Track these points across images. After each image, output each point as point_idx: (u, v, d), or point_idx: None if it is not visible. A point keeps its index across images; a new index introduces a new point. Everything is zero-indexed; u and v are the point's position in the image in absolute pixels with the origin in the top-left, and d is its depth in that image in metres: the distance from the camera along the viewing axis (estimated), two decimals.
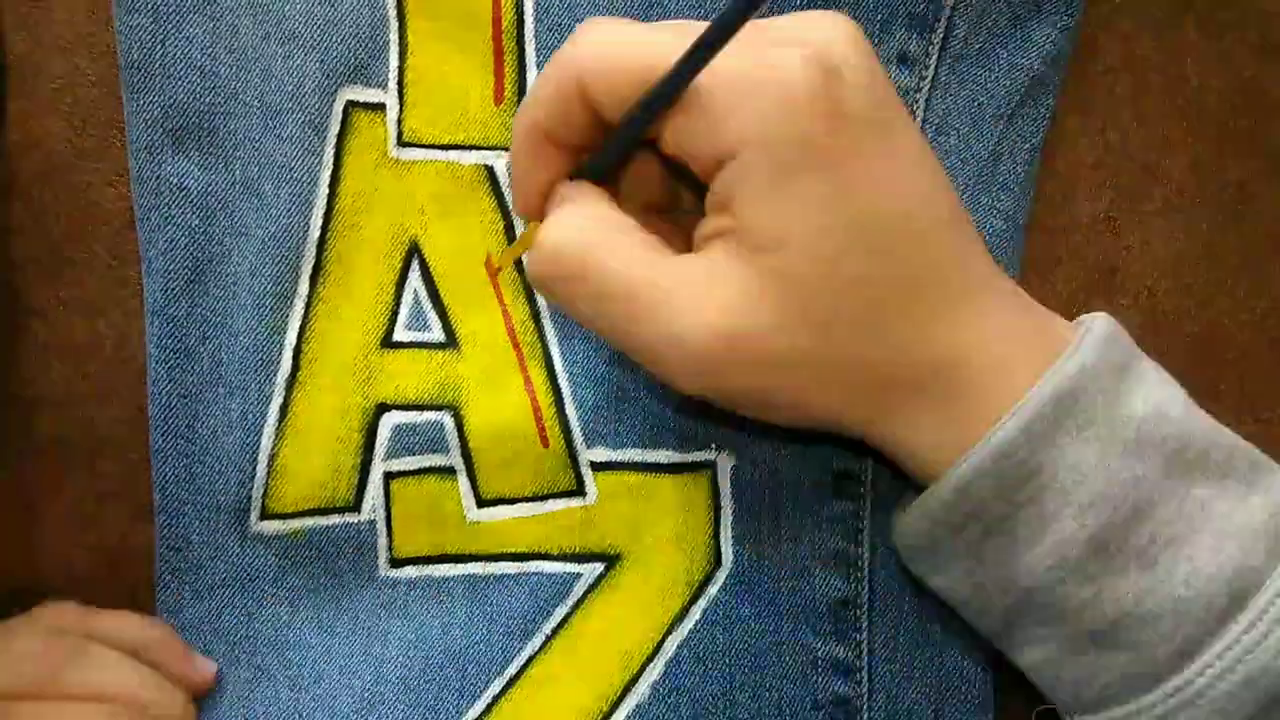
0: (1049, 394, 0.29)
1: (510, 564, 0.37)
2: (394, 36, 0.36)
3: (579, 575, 0.37)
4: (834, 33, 0.29)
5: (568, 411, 0.37)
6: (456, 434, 0.36)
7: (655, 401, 0.37)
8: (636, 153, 0.32)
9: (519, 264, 0.37)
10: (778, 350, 0.28)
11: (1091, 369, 0.29)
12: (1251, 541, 0.29)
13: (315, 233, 0.36)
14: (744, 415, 0.31)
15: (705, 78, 0.28)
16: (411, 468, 0.37)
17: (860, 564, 0.36)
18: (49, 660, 0.33)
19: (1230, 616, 0.29)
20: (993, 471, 0.29)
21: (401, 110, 0.37)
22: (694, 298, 0.28)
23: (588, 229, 0.30)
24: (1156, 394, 0.30)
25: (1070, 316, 0.32)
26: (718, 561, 0.36)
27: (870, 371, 0.29)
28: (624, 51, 0.29)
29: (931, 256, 0.29)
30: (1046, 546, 0.29)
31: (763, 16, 0.29)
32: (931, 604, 0.36)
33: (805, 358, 0.29)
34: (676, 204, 0.34)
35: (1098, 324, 0.30)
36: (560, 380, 0.37)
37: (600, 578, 0.37)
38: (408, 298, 0.37)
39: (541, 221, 0.31)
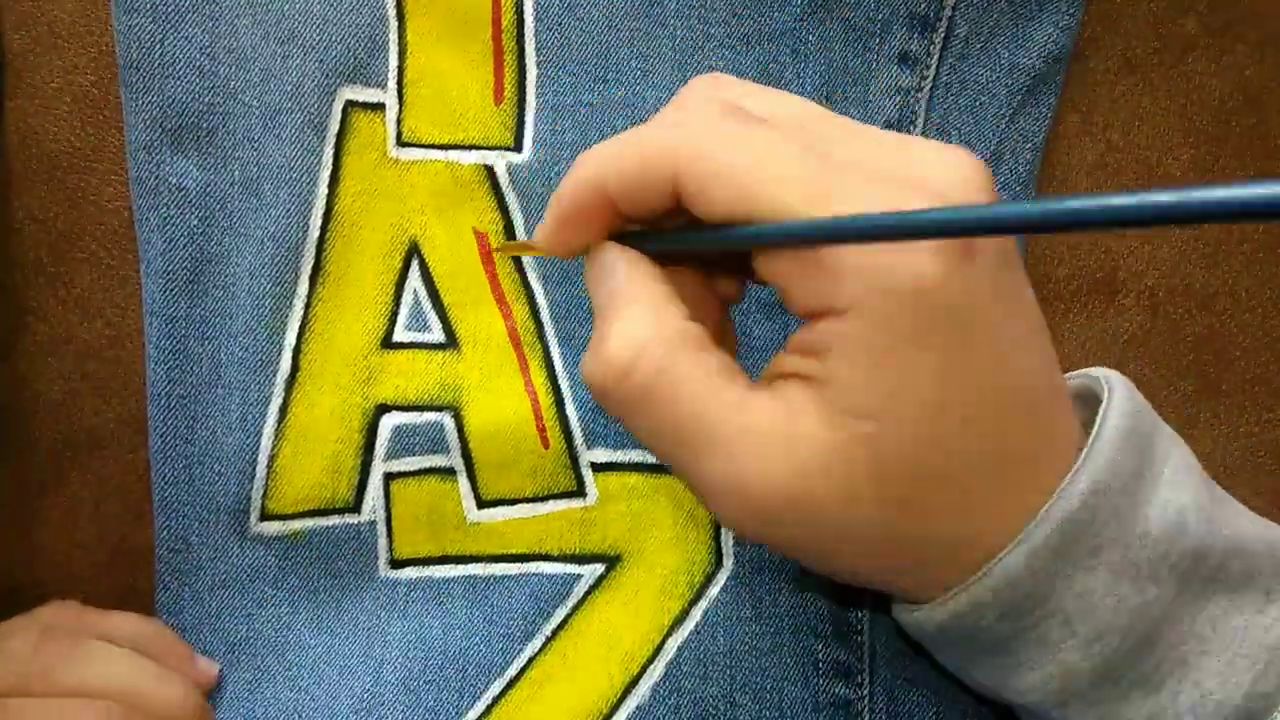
0: (1055, 524, 0.26)
1: (510, 565, 0.36)
2: (393, 36, 0.36)
3: (579, 576, 0.36)
4: (970, 192, 0.25)
5: (568, 412, 0.36)
6: (457, 434, 0.36)
7: None
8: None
9: (519, 265, 0.36)
10: (841, 520, 0.26)
11: (1103, 487, 0.26)
12: (1265, 664, 0.27)
13: (315, 233, 0.36)
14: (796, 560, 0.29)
15: None
16: (412, 468, 0.36)
17: None
18: (42, 657, 0.32)
19: None
20: (993, 604, 0.27)
21: (401, 110, 0.36)
22: (766, 446, 0.26)
23: (661, 346, 0.26)
24: (1176, 499, 0.27)
25: (1071, 317, 0.31)
26: (719, 563, 0.36)
27: (929, 544, 0.27)
28: (722, 168, 0.26)
29: (1030, 433, 0.26)
30: (1048, 672, 0.27)
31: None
32: None
33: (866, 529, 0.26)
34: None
35: (1112, 416, 0.27)
36: (561, 381, 0.36)
37: (601, 579, 0.36)
38: (407, 298, 0.36)
39: (557, 248, 0.29)
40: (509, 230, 0.36)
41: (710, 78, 0.29)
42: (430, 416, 0.36)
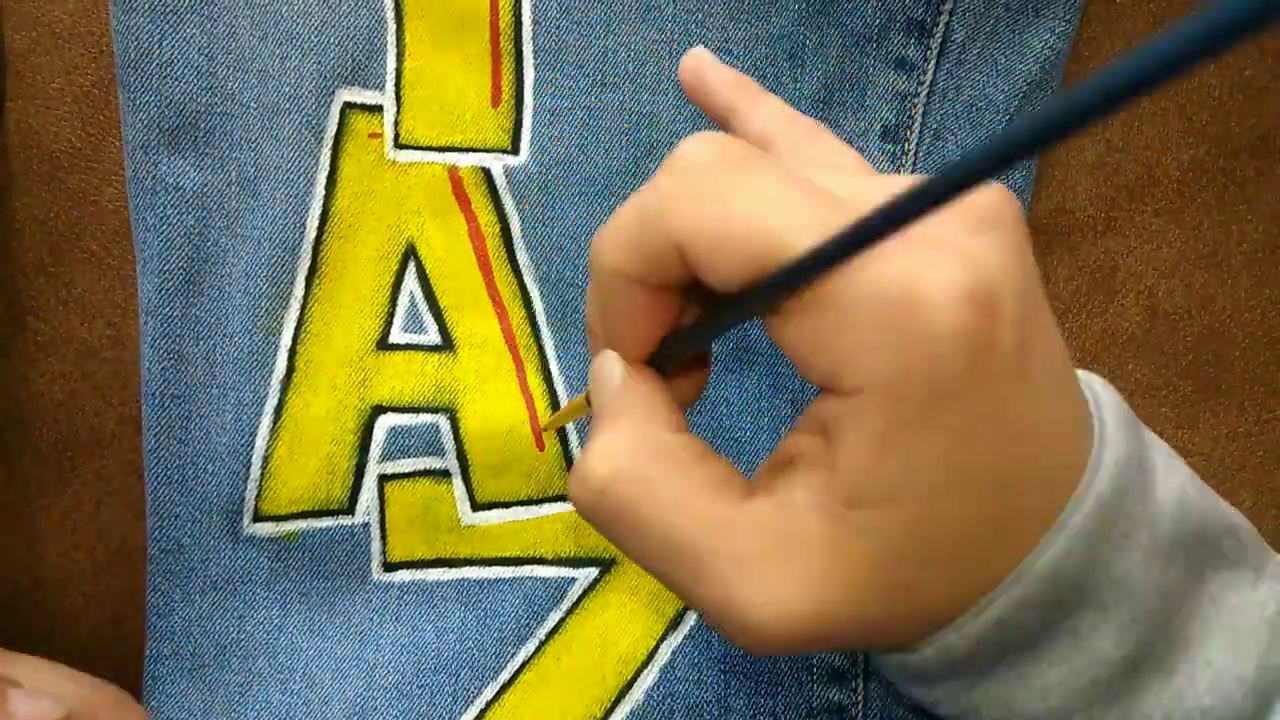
0: (1093, 501, 0.23)
1: (504, 568, 0.35)
2: (391, 38, 0.34)
3: (573, 580, 0.34)
4: (999, 239, 0.22)
5: None
6: (452, 437, 0.34)
7: None
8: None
9: (516, 268, 0.34)
10: (852, 628, 0.23)
11: (1125, 462, 0.23)
12: (1268, 636, 0.24)
13: (311, 234, 0.34)
14: None
15: (841, 285, 0.21)
16: (406, 470, 0.34)
17: None
18: None
19: None
20: (1038, 601, 0.23)
21: (399, 112, 0.34)
22: (768, 568, 0.22)
23: (641, 463, 0.23)
24: (1175, 479, 0.25)
25: (1071, 317, 0.29)
26: None
27: (920, 615, 0.24)
28: (733, 227, 0.22)
29: (1035, 492, 0.23)
30: (1074, 667, 0.24)
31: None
32: None
33: (871, 621, 0.23)
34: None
35: (1105, 404, 0.24)
36: (556, 384, 0.35)
37: (595, 582, 0.34)
38: (404, 300, 0.35)
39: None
40: (505, 233, 0.34)
41: (698, 136, 0.24)
42: (426, 418, 0.34)
